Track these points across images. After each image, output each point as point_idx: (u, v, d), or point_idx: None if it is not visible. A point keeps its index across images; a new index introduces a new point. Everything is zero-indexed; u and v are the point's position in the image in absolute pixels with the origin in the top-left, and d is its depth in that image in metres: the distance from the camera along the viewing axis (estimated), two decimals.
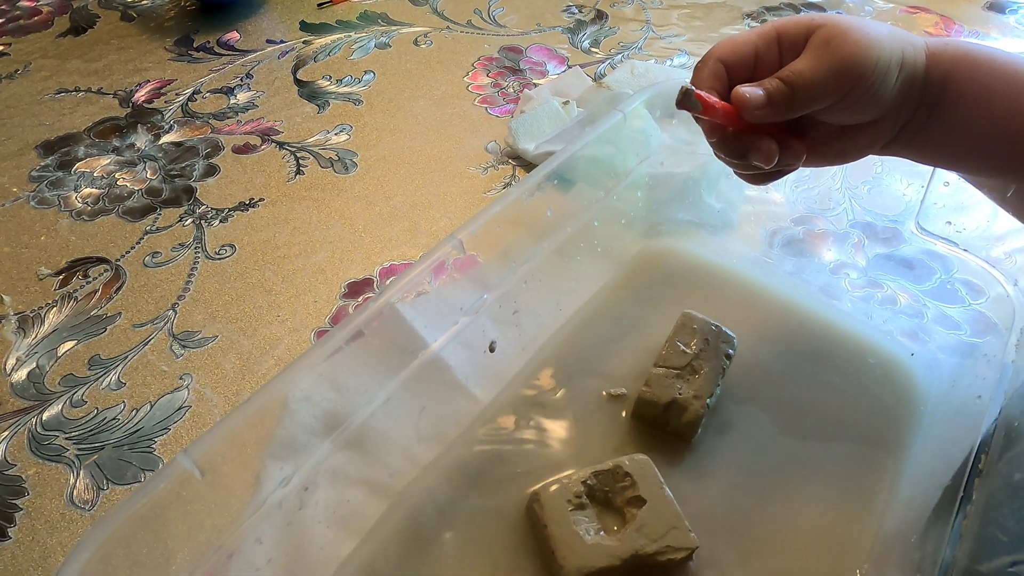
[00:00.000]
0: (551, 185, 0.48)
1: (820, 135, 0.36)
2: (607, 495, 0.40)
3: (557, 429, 0.46)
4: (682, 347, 0.46)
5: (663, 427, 0.45)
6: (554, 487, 0.39)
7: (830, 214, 0.61)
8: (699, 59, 0.36)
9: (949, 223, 0.51)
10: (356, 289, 0.59)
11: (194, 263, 0.61)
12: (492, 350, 0.47)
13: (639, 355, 0.50)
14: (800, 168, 0.39)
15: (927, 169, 0.51)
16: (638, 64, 0.78)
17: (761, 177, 0.38)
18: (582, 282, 0.55)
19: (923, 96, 0.35)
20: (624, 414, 0.47)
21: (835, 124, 0.36)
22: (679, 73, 0.80)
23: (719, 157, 0.38)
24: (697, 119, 0.36)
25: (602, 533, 0.38)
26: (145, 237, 0.64)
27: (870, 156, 0.57)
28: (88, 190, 0.69)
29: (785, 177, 0.63)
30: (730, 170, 0.62)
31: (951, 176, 0.50)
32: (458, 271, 0.46)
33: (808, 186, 0.62)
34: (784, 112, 0.33)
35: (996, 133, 0.34)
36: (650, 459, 0.41)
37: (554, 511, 0.38)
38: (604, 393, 0.48)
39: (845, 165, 0.61)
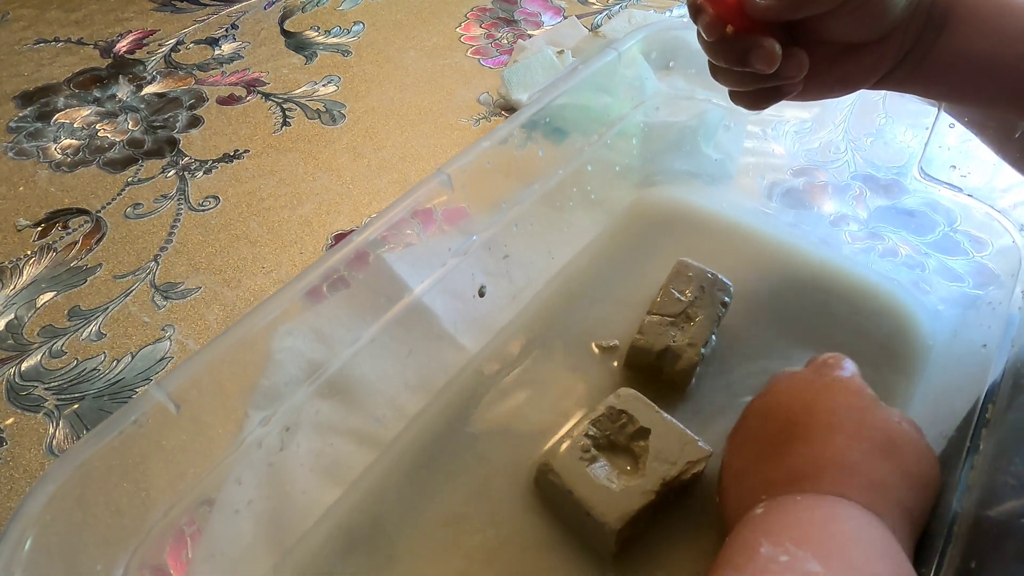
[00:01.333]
0: (542, 136, 0.46)
1: (822, 57, 0.34)
2: (609, 439, 0.39)
3: (549, 380, 0.45)
4: (677, 295, 0.45)
5: (657, 375, 0.44)
6: (562, 448, 0.38)
7: (831, 166, 0.59)
8: None
9: (954, 167, 0.49)
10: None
11: (177, 214, 0.60)
12: (482, 295, 0.46)
13: (633, 306, 0.48)
14: (798, 103, 0.37)
15: (931, 118, 0.49)
16: (636, 14, 0.76)
17: (758, 97, 0.36)
18: (575, 233, 0.54)
19: (931, 13, 0.33)
20: (617, 364, 0.46)
21: (838, 43, 0.34)
22: (675, 21, 0.77)
23: (715, 74, 0.36)
24: (695, 15, 0.33)
25: (623, 476, 0.37)
26: (126, 188, 0.62)
27: (874, 106, 0.56)
28: (68, 141, 0.67)
29: (785, 128, 0.62)
30: (728, 120, 0.61)
31: None
32: (448, 223, 0.44)
33: (809, 137, 0.61)
34: (789, 6, 0.31)
35: (1008, 53, 0.32)
36: (635, 390, 0.40)
37: (571, 473, 0.37)
38: (595, 344, 0.47)
39: (849, 115, 0.60)
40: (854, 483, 0.29)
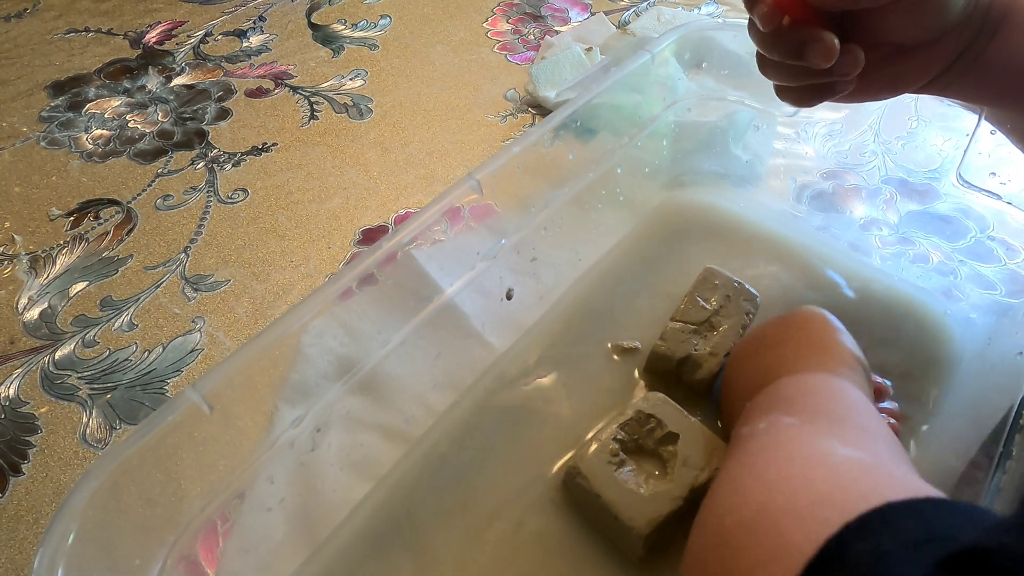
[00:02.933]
0: (572, 135, 0.46)
1: (872, 58, 0.33)
2: (637, 443, 0.39)
3: (574, 381, 0.45)
4: (701, 302, 0.45)
5: (676, 382, 0.44)
6: (591, 451, 0.38)
7: (862, 169, 0.58)
8: (728, 8, 0.34)
9: (993, 174, 0.48)
10: (371, 236, 0.57)
11: (206, 207, 0.60)
12: (509, 297, 0.46)
13: (658, 309, 0.48)
14: (842, 105, 0.36)
15: (965, 125, 0.49)
16: (665, 11, 0.75)
17: (807, 94, 0.35)
18: (603, 233, 0.54)
19: (987, 18, 0.32)
20: (637, 370, 0.46)
21: (891, 43, 0.33)
22: (708, 22, 0.77)
23: (764, 67, 0.35)
24: (751, 5, 0.33)
25: (651, 481, 0.37)
26: (156, 180, 0.63)
27: (906, 109, 0.55)
28: (99, 131, 0.67)
29: (815, 129, 0.61)
30: (758, 121, 0.60)
31: None
32: (475, 220, 0.44)
33: (840, 140, 0.60)
34: None
35: None
36: (663, 394, 0.40)
37: (599, 478, 0.37)
38: (618, 346, 0.47)
39: (880, 118, 0.59)
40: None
